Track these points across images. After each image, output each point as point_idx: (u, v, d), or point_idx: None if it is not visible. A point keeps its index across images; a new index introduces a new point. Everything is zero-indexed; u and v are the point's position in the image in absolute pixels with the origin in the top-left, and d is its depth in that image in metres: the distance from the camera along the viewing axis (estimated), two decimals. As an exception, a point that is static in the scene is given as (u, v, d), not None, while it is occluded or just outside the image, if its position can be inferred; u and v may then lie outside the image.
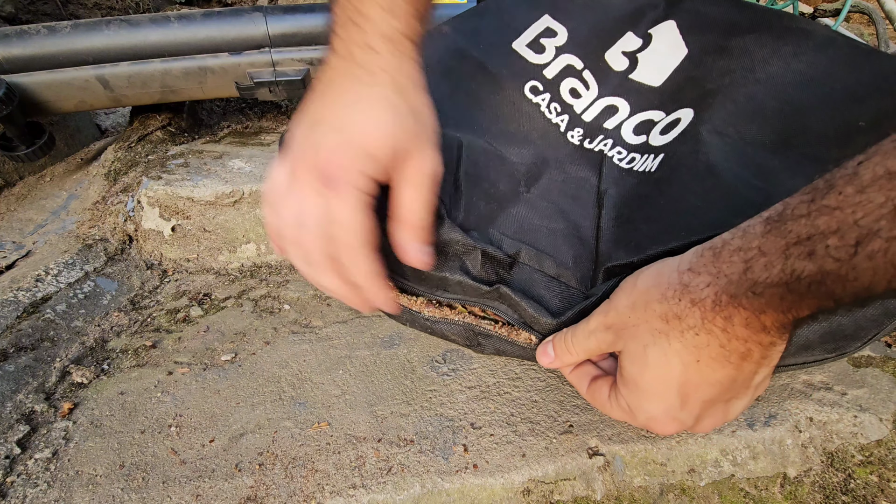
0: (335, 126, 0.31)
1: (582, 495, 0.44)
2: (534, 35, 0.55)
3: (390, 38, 0.31)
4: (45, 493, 0.42)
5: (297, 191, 0.32)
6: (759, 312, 0.27)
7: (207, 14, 0.80)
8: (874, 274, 0.22)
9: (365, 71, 0.31)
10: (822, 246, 0.23)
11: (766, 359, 0.30)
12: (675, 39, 0.51)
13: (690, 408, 0.32)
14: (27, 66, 0.75)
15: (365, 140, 0.31)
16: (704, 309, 0.28)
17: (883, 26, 1.05)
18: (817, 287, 0.24)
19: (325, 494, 0.42)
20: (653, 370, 0.31)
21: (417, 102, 0.33)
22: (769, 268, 0.25)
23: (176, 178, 0.73)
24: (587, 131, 0.52)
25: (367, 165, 0.31)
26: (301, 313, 0.63)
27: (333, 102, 0.32)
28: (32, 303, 0.59)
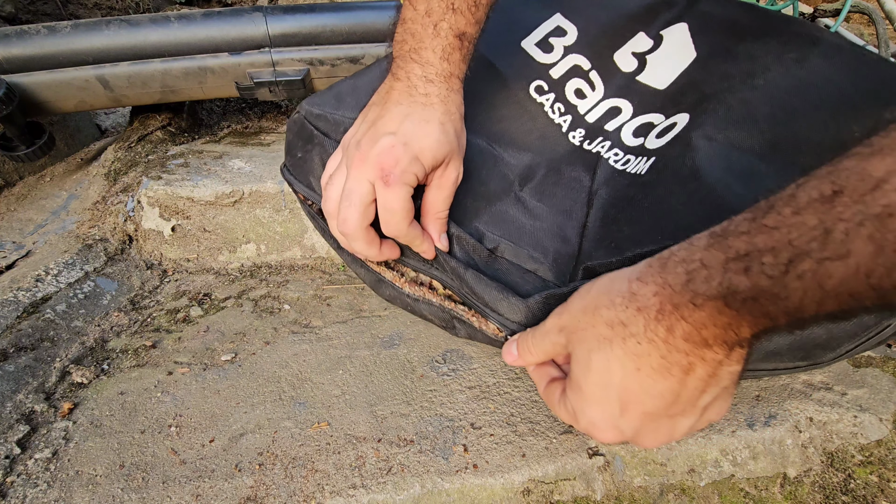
0: (399, 136, 0.38)
1: (582, 495, 0.44)
2: (543, 34, 0.55)
3: (445, 76, 0.40)
4: (45, 493, 0.42)
5: (349, 175, 0.40)
6: (699, 326, 0.27)
7: (207, 14, 0.80)
8: (804, 294, 0.22)
9: (424, 97, 0.40)
10: (757, 263, 0.24)
11: (714, 378, 0.30)
12: (685, 42, 0.51)
13: (630, 417, 0.32)
14: (27, 66, 0.75)
15: (420, 150, 0.39)
16: (648, 317, 0.29)
17: (883, 26, 1.05)
18: (752, 304, 0.24)
19: (325, 494, 0.42)
20: (595, 375, 0.32)
21: (458, 125, 0.42)
22: (709, 280, 0.26)
23: (176, 178, 0.73)
24: (588, 132, 0.52)
25: (418, 169, 0.39)
26: (301, 313, 0.63)
27: (397, 116, 0.39)
28: (32, 303, 0.59)
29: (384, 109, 0.40)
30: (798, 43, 0.46)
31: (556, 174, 0.51)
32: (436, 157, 0.39)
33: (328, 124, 0.51)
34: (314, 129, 0.51)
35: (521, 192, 0.49)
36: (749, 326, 0.26)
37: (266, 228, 0.73)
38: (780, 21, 0.49)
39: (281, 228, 0.73)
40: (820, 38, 0.46)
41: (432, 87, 0.40)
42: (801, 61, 0.45)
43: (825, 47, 0.45)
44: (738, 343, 0.27)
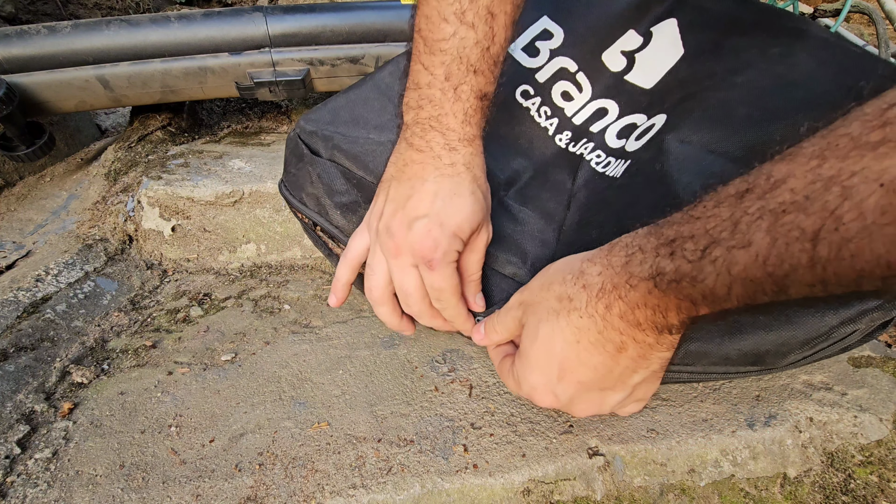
0: (433, 218, 0.38)
1: (582, 495, 0.44)
2: (530, 38, 0.54)
3: (468, 140, 0.39)
4: (45, 493, 0.42)
5: (392, 266, 0.40)
6: (633, 306, 0.30)
7: (207, 14, 0.80)
8: (716, 278, 0.25)
9: (451, 168, 0.39)
10: (680, 248, 0.27)
11: (645, 360, 0.33)
12: (674, 39, 0.50)
13: (566, 385, 0.35)
14: (27, 66, 0.75)
15: (458, 227, 0.38)
16: (591, 294, 0.32)
17: (883, 26, 1.05)
18: (676, 286, 0.27)
19: (325, 494, 0.42)
20: (540, 343, 0.35)
21: (484, 187, 0.41)
22: (642, 263, 0.29)
23: (176, 178, 0.73)
24: (575, 134, 0.52)
25: (458, 245, 0.39)
26: (301, 313, 0.63)
27: (427, 195, 0.38)
28: (32, 303, 0.59)
29: (411, 188, 0.39)
30: (784, 37, 0.46)
31: (541, 177, 0.51)
32: (472, 228, 0.39)
33: (320, 141, 0.52)
34: (305, 147, 0.52)
35: (506, 197, 0.50)
36: (675, 311, 0.29)
37: (266, 228, 0.73)
38: (771, 14, 0.48)
39: (281, 228, 0.73)
40: (805, 32, 0.45)
41: (457, 156, 0.39)
42: (786, 57, 0.44)
43: (810, 41, 0.45)
44: (666, 328, 0.30)
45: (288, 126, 1.04)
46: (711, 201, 0.27)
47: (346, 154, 0.51)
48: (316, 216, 0.52)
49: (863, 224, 0.20)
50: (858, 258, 0.20)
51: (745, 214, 0.24)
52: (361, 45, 0.83)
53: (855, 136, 0.21)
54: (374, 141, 0.50)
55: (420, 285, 0.40)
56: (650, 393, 0.38)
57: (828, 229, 0.21)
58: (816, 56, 0.43)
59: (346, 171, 0.51)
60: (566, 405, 0.37)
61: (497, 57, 0.39)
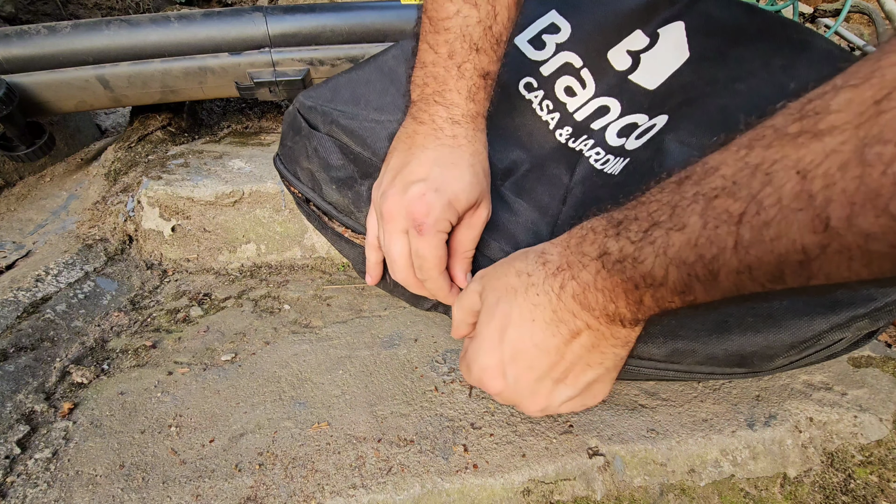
0: (430, 182, 0.38)
1: (582, 495, 0.44)
2: (537, 31, 0.54)
3: (471, 116, 0.40)
4: (45, 493, 0.42)
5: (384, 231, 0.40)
6: (584, 286, 0.30)
7: (207, 14, 0.80)
8: (654, 259, 0.26)
9: (452, 139, 0.39)
10: (625, 229, 0.28)
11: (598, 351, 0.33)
12: (680, 42, 0.50)
13: (517, 367, 0.34)
14: (27, 66, 0.75)
15: (454, 195, 0.38)
16: (548, 271, 0.32)
17: (883, 26, 1.05)
18: (620, 267, 0.28)
19: (325, 494, 0.42)
20: (496, 321, 0.34)
21: (485, 165, 0.41)
22: (593, 243, 0.30)
23: (176, 178, 0.73)
24: (575, 130, 0.52)
25: (451, 215, 0.39)
26: (301, 313, 0.63)
27: (425, 161, 0.39)
28: (32, 303, 0.59)
29: (410, 155, 0.39)
30: (789, 48, 0.46)
31: (538, 170, 0.51)
32: (469, 200, 0.39)
33: (318, 116, 0.52)
34: (304, 120, 0.52)
35: (502, 187, 0.50)
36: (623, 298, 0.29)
37: (266, 228, 0.73)
38: (777, 25, 0.49)
39: (281, 228, 0.73)
40: (810, 44, 0.46)
41: (459, 129, 0.39)
42: (788, 68, 0.44)
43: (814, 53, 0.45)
44: (618, 317, 0.30)
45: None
46: (657, 188, 0.28)
47: (344, 129, 0.50)
48: (309, 192, 0.52)
49: (780, 209, 0.21)
50: (777, 242, 0.22)
51: (682, 199, 0.26)
52: (361, 45, 0.83)
53: (778, 128, 0.22)
54: (373, 120, 0.50)
55: (407, 253, 0.40)
56: (601, 395, 0.37)
57: (750, 213, 0.22)
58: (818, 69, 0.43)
59: (343, 145, 0.50)
60: (514, 393, 0.36)
61: (499, 36, 0.39)
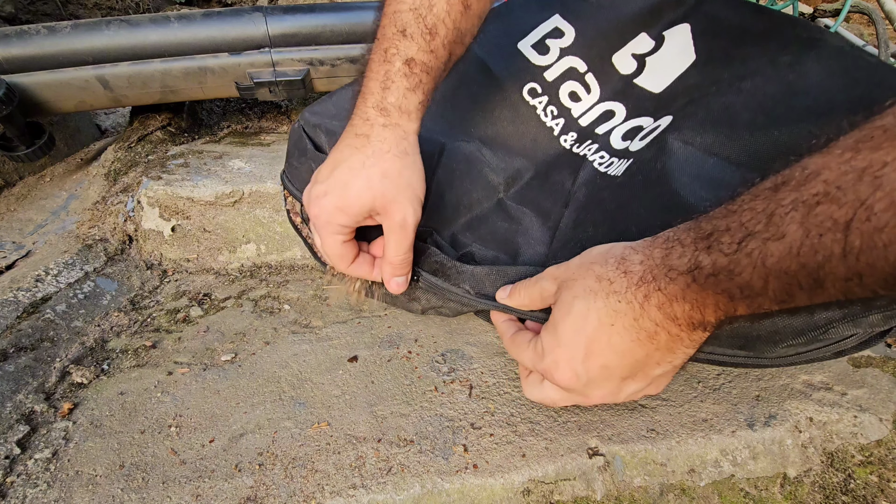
0: (325, 185, 0.39)
1: (582, 495, 0.44)
2: (540, 35, 0.54)
3: (382, 109, 0.38)
4: (45, 494, 0.42)
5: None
6: (671, 298, 0.30)
7: (207, 14, 0.80)
8: (752, 270, 0.25)
9: (355, 139, 0.38)
10: (717, 241, 0.27)
11: (671, 353, 0.33)
12: (686, 45, 0.50)
13: (590, 365, 0.35)
14: (27, 66, 0.75)
15: (343, 202, 0.38)
16: (631, 280, 0.32)
17: (883, 26, 1.05)
18: (714, 280, 0.27)
19: (325, 494, 0.42)
20: (573, 319, 0.35)
21: (392, 166, 0.38)
22: (682, 257, 0.29)
23: (176, 179, 0.73)
24: (580, 136, 0.52)
25: (340, 219, 0.39)
26: (301, 313, 0.63)
27: (330, 163, 0.39)
28: (32, 303, 0.59)
29: (330, 154, 0.40)
30: (797, 46, 0.45)
31: (542, 177, 0.51)
32: (361, 206, 0.38)
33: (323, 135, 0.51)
34: (309, 140, 0.52)
35: (505, 197, 0.50)
36: (713, 308, 0.29)
37: (266, 228, 0.73)
38: (784, 23, 0.48)
39: (281, 228, 0.73)
40: (819, 41, 0.45)
41: (366, 126, 0.38)
42: (795, 65, 0.43)
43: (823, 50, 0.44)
44: (702, 325, 0.30)
45: (288, 126, 1.04)
46: (748, 195, 0.27)
47: None
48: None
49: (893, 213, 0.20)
50: (891, 247, 0.20)
51: (779, 206, 0.24)
52: (361, 45, 0.83)
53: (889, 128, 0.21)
54: None
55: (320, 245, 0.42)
56: (663, 385, 0.38)
57: (859, 219, 0.21)
58: (827, 66, 0.42)
59: None
60: (583, 388, 0.36)
61: (433, 27, 0.38)
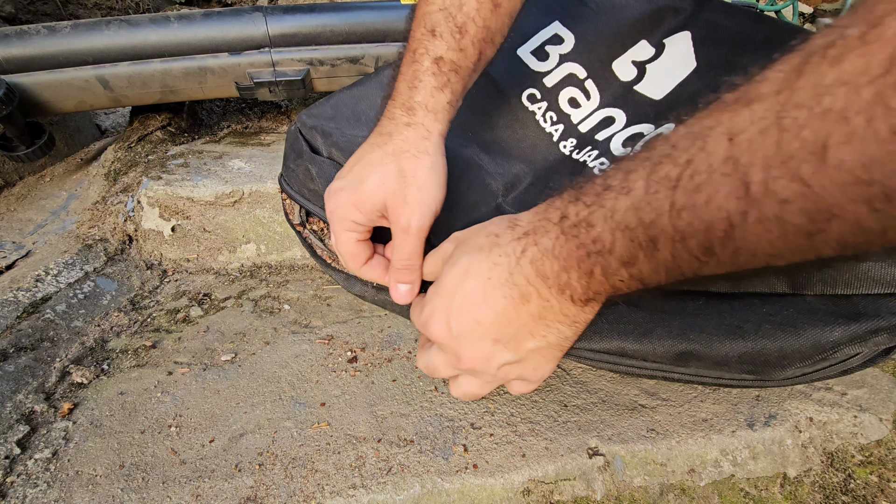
0: (344, 181, 0.39)
1: (582, 495, 0.44)
2: (540, 42, 0.54)
3: (409, 107, 0.38)
4: (45, 494, 0.42)
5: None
6: (543, 254, 0.31)
7: (207, 14, 0.80)
8: (603, 223, 0.27)
9: (379, 137, 0.39)
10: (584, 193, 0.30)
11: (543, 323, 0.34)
12: (687, 52, 0.50)
13: (462, 317, 0.35)
14: (27, 66, 0.75)
15: (359, 199, 0.38)
16: (514, 236, 0.33)
17: (883, 26, 1.05)
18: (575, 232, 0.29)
19: (325, 494, 0.42)
20: (455, 271, 0.35)
21: (408, 165, 0.38)
22: (557, 209, 0.31)
23: (176, 179, 0.73)
24: (580, 142, 0.52)
25: (354, 215, 0.39)
26: (301, 313, 0.63)
27: (353, 159, 0.40)
28: (32, 303, 0.59)
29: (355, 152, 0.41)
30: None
31: (541, 184, 0.51)
32: (374, 203, 0.38)
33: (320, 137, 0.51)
34: (305, 142, 0.52)
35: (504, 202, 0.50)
36: (576, 271, 0.30)
37: (266, 228, 0.73)
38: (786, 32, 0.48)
39: (281, 228, 0.73)
40: None
41: (390, 125, 0.39)
42: None
43: None
44: (569, 289, 0.31)
45: (288, 126, 1.04)
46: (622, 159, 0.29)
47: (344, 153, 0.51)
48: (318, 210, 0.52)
49: (710, 173, 0.22)
50: (706, 207, 0.22)
51: (635, 164, 0.27)
52: (361, 45, 0.83)
53: (722, 99, 0.24)
54: None
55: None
56: (541, 374, 0.37)
57: (685, 177, 0.23)
58: None
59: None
60: (455, 343, 0.35)
61: (463, 26, 0.39)
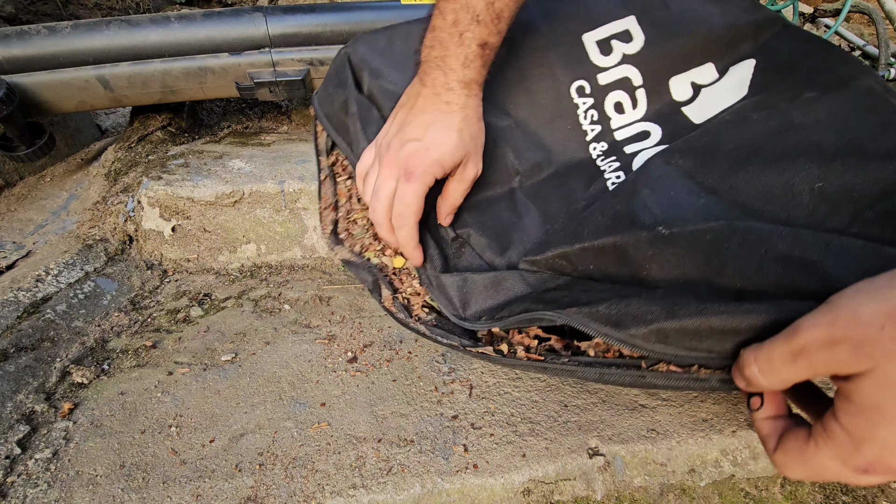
0: (423, 143, 0.44)
1: (582, 495, 0.44)
2: (609, 33, 0.52)
3: (465, 83, 0.45)
4: (46, 494, 0.42)
5: (379, 174, 0.47)
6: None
7: (207, 14, 0.80)
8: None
9: (446, 105, 0.45)
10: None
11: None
12: (744, 80, 0.48)
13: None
14: (27, 67, 0.75)
15: (441, 155, 0.45)
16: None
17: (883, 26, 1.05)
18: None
19: (325, 494, 0.42)
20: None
21: (474, 128, 0.47)
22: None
23: (176, 179, 0.73)
24: (609, 148, 0.51)
25: (436, 170, 0.45)
26: (301, 313, 0.63)
27: (422, 124, 0.45)
28: (33, 303, 0.59)
29: (411, 116, 0.46)
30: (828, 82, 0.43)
31: (559, 179, 0.51)
32: (454, 160, 0.45)
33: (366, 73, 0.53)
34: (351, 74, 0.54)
35: (520, 187, 0.50)
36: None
37: (266, 228, 0.73)
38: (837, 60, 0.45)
39: (281, 228, 0.73)
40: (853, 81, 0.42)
41: (453, 95, 0.45)
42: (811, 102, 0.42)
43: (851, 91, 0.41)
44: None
45: (288, 126, 1.04)
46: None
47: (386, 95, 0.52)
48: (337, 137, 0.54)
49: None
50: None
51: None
52: (361, 45, 0.83)
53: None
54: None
55: (391, 196, 0.46)
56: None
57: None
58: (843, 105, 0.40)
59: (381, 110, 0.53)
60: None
61: (500, 12, 0.43)
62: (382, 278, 0.52)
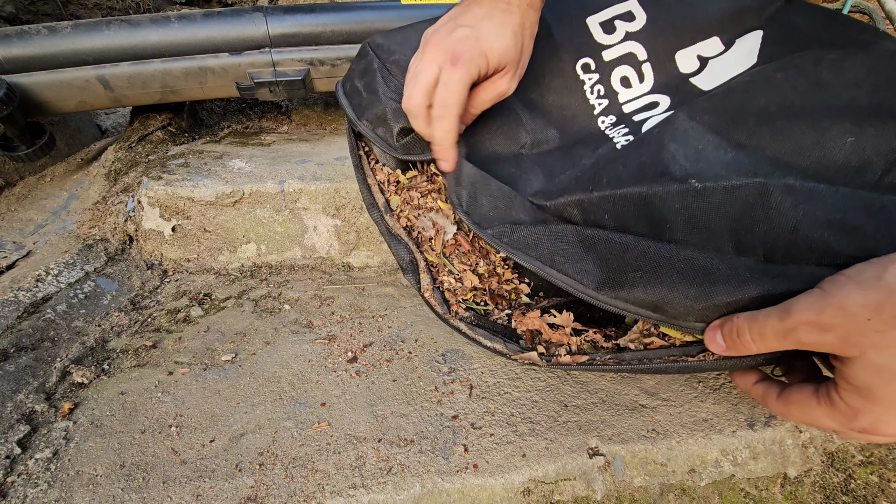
0: (475, 30, 0.42)
1: (582, 495, 0.44)
2: (612, 15, 0.53)
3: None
4: (46, 493, 0.42)
5: (422, 58, 0.44)
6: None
7: (208, 14, 0.80)
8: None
9: (506, 4, 0.43)
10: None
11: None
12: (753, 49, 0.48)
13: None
14: (28, 67, 0.75)
15: (490, 48, 0.42)
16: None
17: (883, 26, 1.05)
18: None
19: (325, 494, 0.42)
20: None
21: (527, 42, 0.45)
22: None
23: (176, 179, 0.73)
24: (618, 120, 0.52)
25: (483, 63, 0.43)
26: (301, 313, 0.63)
27: (478, 15, 0.43)
28: (33, 303, 0.59)
29: (466, 9, 0.44)
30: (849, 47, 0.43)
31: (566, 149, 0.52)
32: (501, 59, 0.43)
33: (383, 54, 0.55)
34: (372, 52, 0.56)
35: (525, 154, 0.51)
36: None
37: (266, 228, 0.73)
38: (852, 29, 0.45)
39: (281, 228, 0.73)
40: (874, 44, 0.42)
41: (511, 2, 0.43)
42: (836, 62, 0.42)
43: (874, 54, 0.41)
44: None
45: (288, 126, 1.04)
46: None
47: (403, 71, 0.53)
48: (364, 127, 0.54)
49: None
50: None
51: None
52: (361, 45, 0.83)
53: None
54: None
55: (432, 81, 0.43)
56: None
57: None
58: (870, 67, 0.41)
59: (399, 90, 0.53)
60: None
61: None
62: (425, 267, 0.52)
